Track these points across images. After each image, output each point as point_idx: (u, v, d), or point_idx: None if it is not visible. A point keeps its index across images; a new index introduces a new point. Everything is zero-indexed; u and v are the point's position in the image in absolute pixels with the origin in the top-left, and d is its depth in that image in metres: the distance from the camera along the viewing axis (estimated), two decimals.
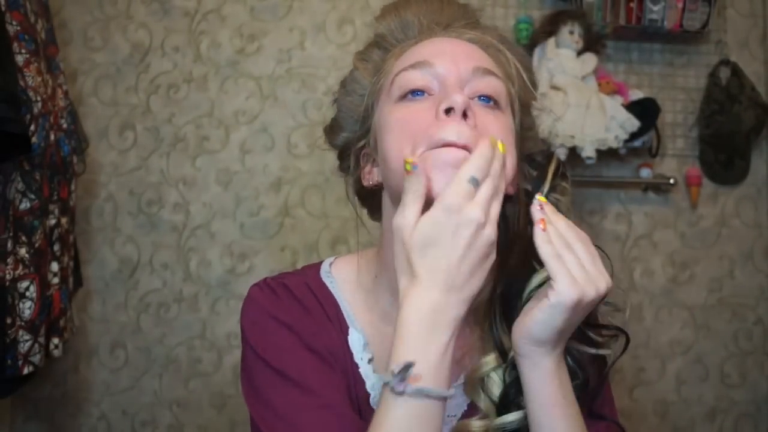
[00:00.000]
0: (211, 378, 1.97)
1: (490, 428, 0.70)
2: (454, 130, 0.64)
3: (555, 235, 0.64)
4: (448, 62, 0.70)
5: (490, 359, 0.71)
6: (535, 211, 0.66)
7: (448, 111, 0.65)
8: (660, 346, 2.12)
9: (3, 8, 1.36)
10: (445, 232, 0.59)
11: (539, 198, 0.67)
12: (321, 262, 0.84)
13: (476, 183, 0.60)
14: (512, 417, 0.69)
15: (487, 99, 0.70)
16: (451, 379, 0.61)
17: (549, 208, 0.67)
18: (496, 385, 0.71)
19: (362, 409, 0.74)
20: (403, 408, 0.58)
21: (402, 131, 0.68)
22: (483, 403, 0.71)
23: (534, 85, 0.79)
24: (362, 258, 0.82)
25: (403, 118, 0.69)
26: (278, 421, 0.68)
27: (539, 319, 0.63)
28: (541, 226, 0.64)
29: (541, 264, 0.70)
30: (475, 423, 0.71)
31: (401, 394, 0.58)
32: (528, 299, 0.70)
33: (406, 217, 0.61)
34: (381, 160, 0.73)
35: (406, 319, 0.59)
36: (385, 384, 0.59)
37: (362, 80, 0.77)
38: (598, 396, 0.74)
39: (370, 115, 0.76)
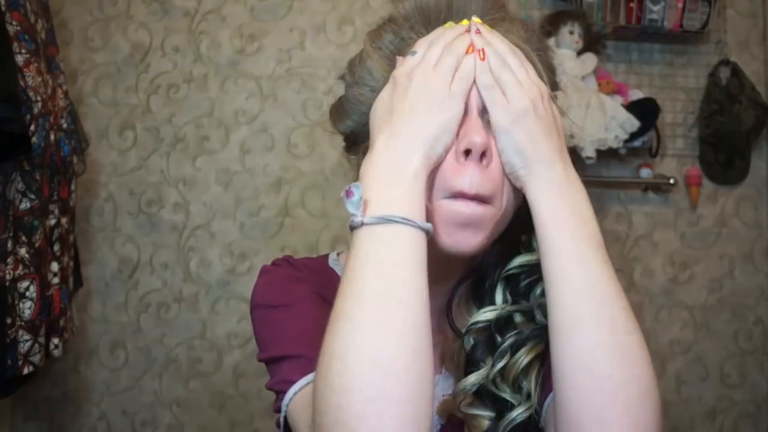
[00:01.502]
0: (211, 378, 1.97)
1: (456, 394, 0.69)
2: (467, 178, 0.64)
3: (493, 56, 0.65)
4: (470, 86, 0.68)
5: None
6: (474, 36, 0.66)
7: (467, 153, 0.64)
8: (660, 346, 2.12)
9: (3, 8, 1.36)
10: (396, 98, 0.64)
11: (475, 20, 0.68)
12: (328, 254, 0.84)
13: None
14: (472, 378, 0.68)
15: None
16: (421, 216, 0.60)
17: (485, 29, 0.67)
18: (462, 357, 0.71)
19: None
20: (367, 238, 0.58)
21: None
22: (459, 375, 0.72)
23: (555, 85, 0.78)
24: None
25: None
26: (294, 354, 0.68)
27: (502, 149, 0.64)
28: (480, 55, 0.65)
29: (527, 249, 0.71)
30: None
31: (360, 225, 0.59)
32: (503, 277, 0.71)
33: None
34: None
35: (363, 173, 0.63)
36: (350, 228, 0.60)
37: (374, 72, 0.73)
38: None
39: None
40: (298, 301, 0.72)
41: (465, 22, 0.68)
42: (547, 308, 0.60)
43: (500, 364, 0.68)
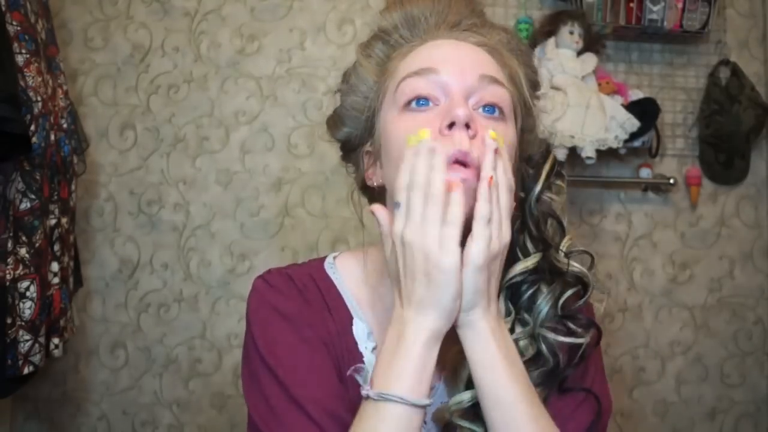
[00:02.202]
0: (211, 378, 1.97)
1: (449, 407, 0.71)
2: (455, 140, 0.66)
3: (497, 191, 0.66)
4: (453, 70, 0.71)
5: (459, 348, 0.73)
6: (489, 159, 0.66)
7: (451, 126, 0.67)
8: (660, 346, 2.12)
9: (3, 8, 1.36)
10: (399, 262, 0.66)
11: (492, 135, 0.67)
12: (325, 257, 0.86)
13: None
14: (467, 395, 0.70)
15: (492, 109, 0.71)
16: (426, 389, 0.64)
17: (501, 154, 0.67)
18: (465, 371, 0.73)
19: None
20: (371, 411, 0.63)
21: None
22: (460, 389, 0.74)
23: (536, 85, 0.80)
24: (367, 255, 0.83)
25: (408, 130, 0.69)
26: (267, 412, 0.72)
27: (465, 286, 0.65)
28: (488, 182, 0.65)
29: (525, 254, 0.74)
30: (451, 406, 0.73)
31: (366, 398, 0.64)
32: (504, 287, 0.73)
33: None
34: (385, 167, 0.74)
35: (385, 337, 0.66)
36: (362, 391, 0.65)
37: (367, 79, 0.77)
38: (567, 376, 0.74)
39: (374, 117, 0.76)
40: (280, 366, 0.73)
41: (423, 133, 0.67)
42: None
43: None
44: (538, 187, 0.76)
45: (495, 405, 0.65)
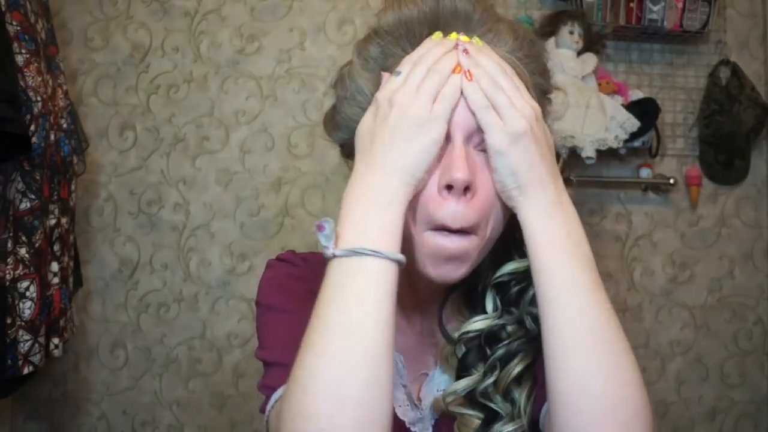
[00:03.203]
0: (211, 378, 1.97)
1: (445, 397, 0.71)
2: (450, 212, 0.64)
3: (484, 78, 0.64)
4: (454, 107, 0.66)
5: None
6: (461, 56, 0.65)
7: (449, 188, 0.64)
8: (660, 346, 2.12)
9: (3, 8, 1.36)
10: (377, 124, 0.64)
11: (461, 38, 0.66)
12: None
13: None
14: (462, 384, 0.69)
15: None
16: (398, 248, 0.61)
17: (473, 48, 0.66)
18: (454, 359, 0.73)
19: None
20: (338, 270, 0.59)
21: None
22: (452, 374, 0.73)
23: (548, 90, 0.76)
24: None
25: None
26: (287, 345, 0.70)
27: (496, 169, 0.64)
28: (467, 76, 0.64)
29: (519, 255, 0.72)
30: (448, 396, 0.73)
31: (332, 257, 0.60)
32: (492, 284, 0.72)
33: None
34: None
35: (342, 200, 0.63)
36: (324, 257, 0.61)
37: (364, 90, 0.72)
38: None
39: None
40: (296, 307, 0.73)
41: (454, 35, 0.67)
42: (542, 332, 0.62)
43: (490, 379, 0.69)
44: None
45: (548, 280, 0.61)
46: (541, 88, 0.73)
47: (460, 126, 0.65)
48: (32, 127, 1.44)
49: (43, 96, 1.50)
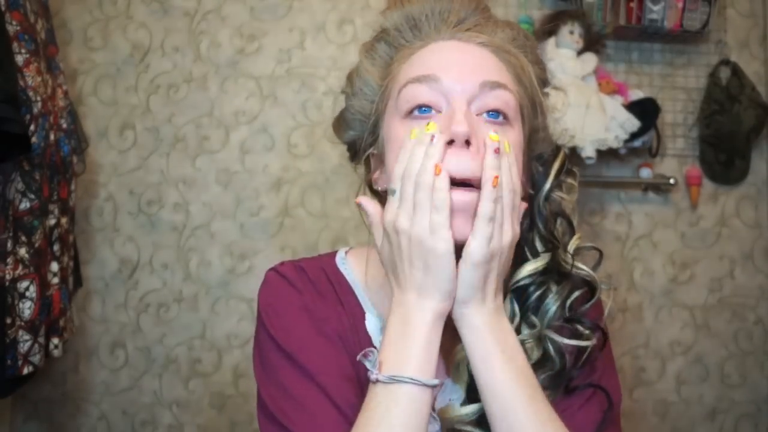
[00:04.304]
0: (211, 378, 1.97)
1: (454, 418, 0.72)
2: (453, 163, 0.66)
3: (500, 191, 0.66)
4: (455, 77, 0.70)
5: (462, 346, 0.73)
6: (490, 159, 0.66)
7: (451, 142, 0.66)
8: (660, 346, 2.12)
9: (3, 8, 1.36)
10: (394, 252, 0.68)
11: (492, 138, 0.67)
12: (336, 251, 0.85)
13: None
14: (470, 409, 0.71)
15: (496, 114, 0.70)
16: (435, 370, 0.65)
17: (504, 151, 0.67)
18: (464, 366, 0.73)
19: None
20: (381, 395, 0.64)
21: None
22: (463, 387, 0.74)
23: (545, 82, 0.79)
24: (373, 253, 0.81)
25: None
26: (285, 401, 0.71)
27: (461, 279, 0.66)
28: (492, 182, 0.65)
29: (534, 254, 0.74)
30: (455, 407, 0.74)
31: (376, 382, 0.64)
32: (511, 289, 0.73)
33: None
34: (387, 174, 0.73)
35: (388, 322, 0.67)
36: (370, 380, 0.65)
37: (371, 82, 0.76)
38: (573, 377, 0.74)
39: (379, 120, 0.76)
40: (297, 352, 0.74)
41: (430, 126, 0.68)
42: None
43: None
44: (547, 185, 0.76)
45: (493, 398, 0.66)
46: (540, 78, 0.77)
47: (461, 95, 0.69)
48: (32, 127, 1.44)
49: (43, 96, 1.49)
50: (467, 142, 0.66)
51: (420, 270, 0.65)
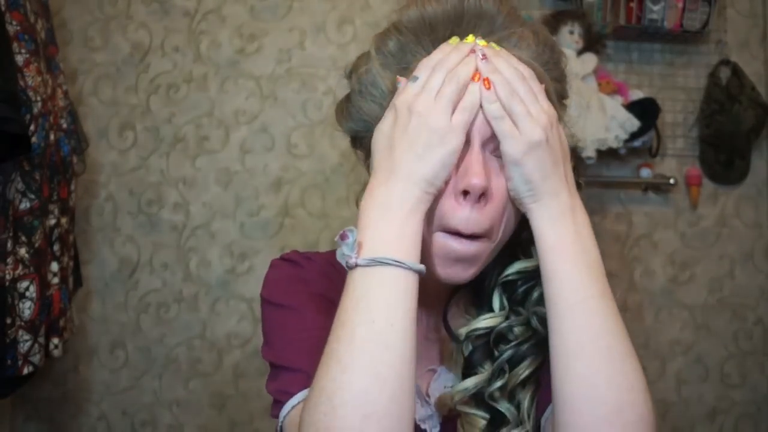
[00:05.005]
0: (211, 378, 1.97)
1: (453, 395, 0.71)
2: (464, 218, 0.65)
3: (501, 85, 0.63)
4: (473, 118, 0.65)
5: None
6: (479, 62, 0.64)
7: (466, 193, 0.64)
8: (660, 346, 2.12)
9: (3, 8, 1.36)
10: (396, 131, 0.63)
11: (479, 42, 0.65)
12: (335, 249, 0.85)
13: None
14: (469, 383, 0.69)
15: None
16: (418, 257, 0.61)
17: (491, 52, 0.65)
18: (461, 357, 0.72)
19: None
20: (361, 280, 0.59)
21: None
22: (458, 373, 0.73)
23: (564, 95, 0.76)
24: None
25: None
26: (285, 347, 0.71)
27: (510, 177, 0.64)
28: (485, 84, 0.63)
29: (525, 255, 0.72)
30: (455, 386, 0.73)
31: (354, 267, 0.60)
32: (499, 283, 0.72)
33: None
34: None
35: (362, 209, 0.63)
36: (346, 266, 0.61)
37: (381, 86, 0.71)
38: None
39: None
40: (305, 307, 0.73)
41: (471, 38, 0.66)
42: (549, 335, 0.62)
43: (499, 382, 0.69)
44: None
45: (557, 292, 0.61)
46: (559, 93, 0.73)
47: (479, 131, 0.65)
48: (32, 127, 1.44)
49: (43, 96, 1.49)
50: (481, 194, 0.64)
51: (417, 155, 0.62)
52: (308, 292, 0.75)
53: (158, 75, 1.99)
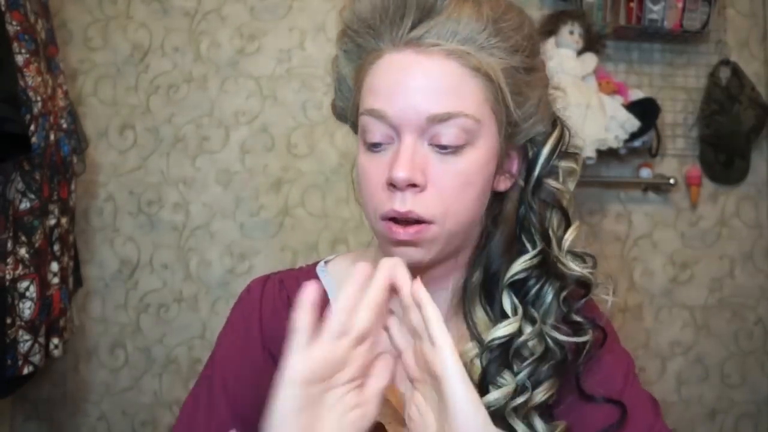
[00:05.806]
0: None
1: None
2: (396, 206, 0.65)
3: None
4: (401, 108, 0.64)
5: (469, 347, 0.71)
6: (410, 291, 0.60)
7: (392, 185, 0.65)
8: (660, 346, 2.12)
9: (3, 8, 1.36)
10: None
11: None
12: (318, 261, 0.84)
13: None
14: (494, 396, 0.67)
15: (445, 147, 0.65)
16: None
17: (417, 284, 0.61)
18: (477, 371, 0.70)
19: None
20: None
21: (367, 187, 0.69)
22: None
23: (533, 66, 0.72)
24: (361, 257, 0.78)
25: (367, 174, 0.69)
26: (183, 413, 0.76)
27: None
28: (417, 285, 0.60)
29: (531, 244, 0.71)
30: None
31: None
32: (508, 284, 0.70)
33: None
34: (359, 185, 0.73)
35: None
36: None
37: (347, 81, 0.73)
38: (581, 374, 0.72)
39: (357, 119, 0.72)
40: (215, 377, 0.76)
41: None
42: None
43: (521, 399, 0.68)
44: (536, 171, 0.70)
45: None
46: (524, 67, 0.69)
47: (408, 129, 0.65)
48: (32, 127, 1.44)
49: (43, 96, 1.49)
50: (411, 185, 0.64)
51: None
52: (238, 336, 0.78)
53: (158, 75, 1.99)
